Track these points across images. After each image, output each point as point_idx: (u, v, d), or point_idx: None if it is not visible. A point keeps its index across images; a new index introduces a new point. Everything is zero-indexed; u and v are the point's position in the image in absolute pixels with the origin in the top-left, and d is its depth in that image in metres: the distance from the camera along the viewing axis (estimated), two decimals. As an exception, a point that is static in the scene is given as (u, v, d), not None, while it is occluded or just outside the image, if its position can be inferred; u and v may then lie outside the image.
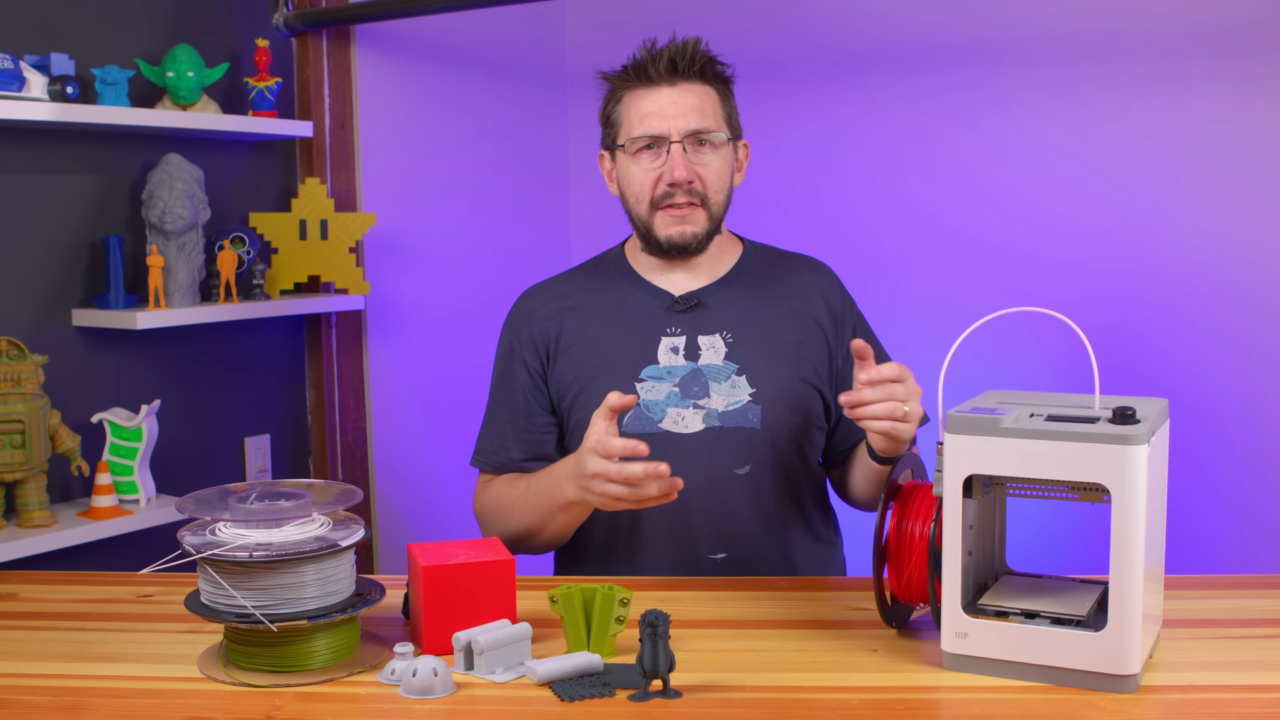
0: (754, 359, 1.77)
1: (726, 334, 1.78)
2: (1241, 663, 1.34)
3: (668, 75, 1.75)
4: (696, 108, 1.74)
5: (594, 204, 3.33)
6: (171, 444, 2.38)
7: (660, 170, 1.74)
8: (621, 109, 1.79)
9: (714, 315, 1.79)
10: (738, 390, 1.75)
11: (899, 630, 1.45)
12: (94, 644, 1.45)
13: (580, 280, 1.89)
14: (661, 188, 1.75)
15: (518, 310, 1.89)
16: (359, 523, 1.41)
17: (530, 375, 1.83)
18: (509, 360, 1.86)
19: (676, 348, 1.77)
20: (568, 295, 1.87)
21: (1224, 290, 2.61)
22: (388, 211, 2.78)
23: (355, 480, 2.72)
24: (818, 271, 1.88)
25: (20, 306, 2.16)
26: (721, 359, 1.76)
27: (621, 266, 1.87)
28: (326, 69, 2.63)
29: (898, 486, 1.44)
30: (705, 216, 1.77)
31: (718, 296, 1.81)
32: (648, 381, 1.76)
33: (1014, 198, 2.80)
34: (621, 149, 1.78)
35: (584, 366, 1.80)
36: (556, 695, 1.26)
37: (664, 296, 1.81)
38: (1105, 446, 1.22)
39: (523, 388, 1.84)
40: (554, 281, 1.91)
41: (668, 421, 1.74)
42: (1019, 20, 2.76)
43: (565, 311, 1.84)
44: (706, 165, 1.75)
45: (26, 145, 2.15)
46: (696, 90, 1.75)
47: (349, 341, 2.71)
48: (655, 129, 1.74)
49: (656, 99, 1.75)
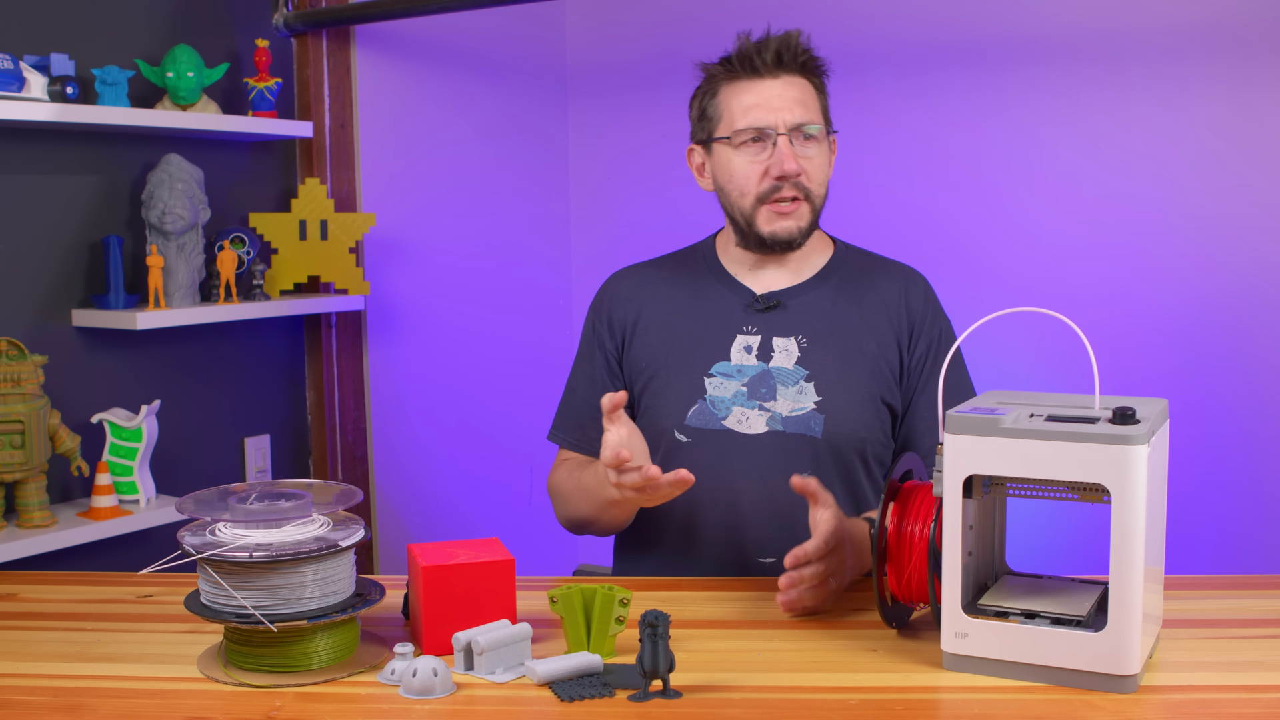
0: (825, 367, 1.74)
1: (802, 339, 1.76)
2: (1241, 663, 1.34)
3: (773, 66, 1.72)
4: (800, 100, 1.72)
5: (594, 204, 3.33)
6: (171, 444, 2.38)
7: (766, 164, 1.72)
8: (720, 101, 1.76)
9: (792, 318, 1.77)
10: (804, 396, 1.73)
11: (899, 630, 1.45)
12: (94, 644, 1.45)
13: (668, 268, 1.89)
14: (768, 182, 1.72)
15: (604, 291, 1.90)
16: (359, 523, 1.41)
17: (607, 357, 1.84)
18: (590, 340, 1.88)
19: (750, 347, 1.76)
20: (652, 282, 1.86)
21: (1224, 290, 2.61)
22: (388, 211, 2.78)
23: (355, 480, 2.72)
24: (907, 279, 1.84)
25: (20, 306, 2.16)
26: (793, 363, 1.74)
27: (709, 258, 1.86)
28: (326, 69, 2.63)
29: (898, 486, 1.44)
30: (809, 210, 1.75)
31: (800, 299, 1.79)
32: (717, 377, 1.75)
33: (1013, 198, 2.80)
34: (724, 141, 1.75)
35: (656, 355, 1.80)
36: (556, 695, 1.26)
37: (745, 294, 1.80)
38: (1105, 446, 1.22)
39: (600, 368, 1.85)
40: (641, 267, 1.91)
41: (732, 420, 1.73)
42: (1019, 20, 2.76)
43: (646, 298, 1.85)
44: (810, 159, 1.74)
45: (26, 145, 2.15)
46: (798, 83, 1.73)
47: (349, 341, 2.71)
48: (761, 121, 1.71)
49: (761, 91, 1.72)
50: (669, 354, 1.79)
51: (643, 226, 3.23)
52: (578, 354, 1.91)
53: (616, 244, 3.27)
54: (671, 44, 3.13)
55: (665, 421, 1.77)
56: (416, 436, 2.91)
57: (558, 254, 3.32)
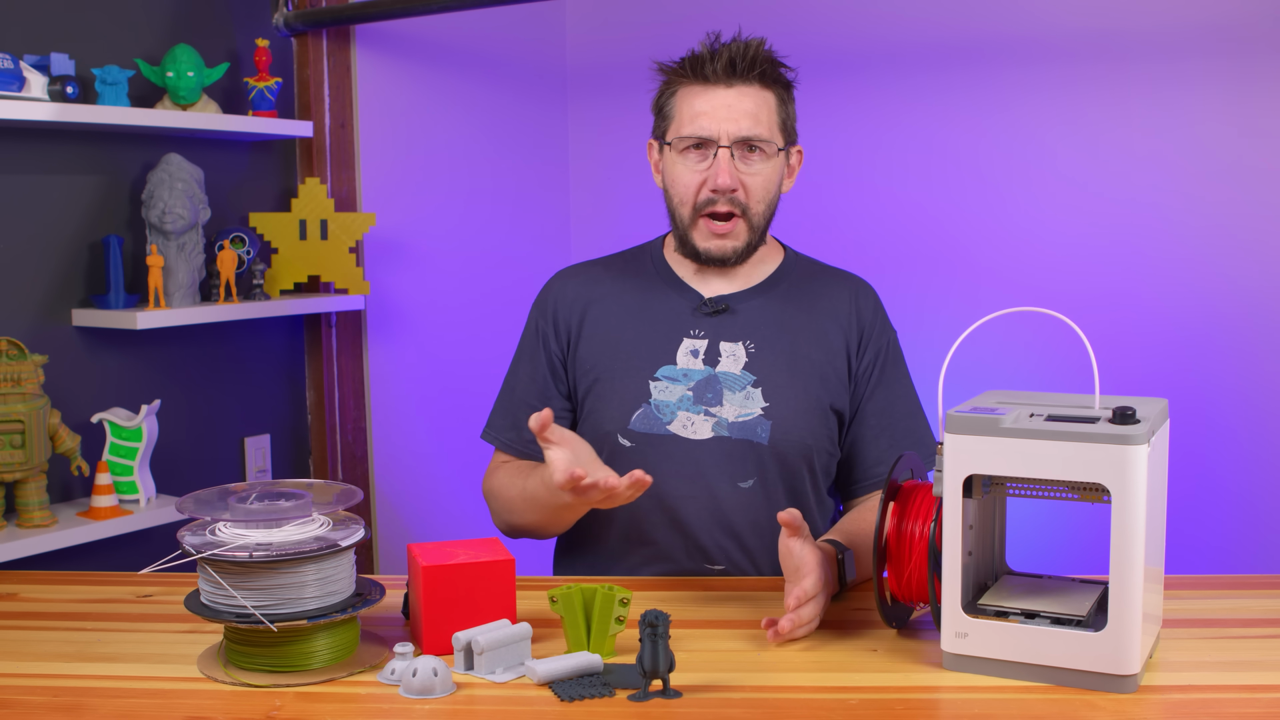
0: (772, 373, 1.72)
1: (749, 343, 1.74)
2: (1241, 663, 1.34)
3: (725, 76, 1.68)
4: (750, 113, 1.68)
5: (594, 204, 3.33)
6: (171, 444, 2.38)
7: (705, 174, 1.70)
8: (675, 103, 1.73)
9: (740, 322, 1.75)
10: (751, 402, 1.71)
11: (899, 630, 1.45)
12: (94, 644, 1.45)
13: (616, 268, 1.86)
14: (705, 193, 1.70)
15: (548, 290, 1.87)
16: (359, 523, 1.41)
17: (551, 357, 1.82)
18: (533, 338, 1.84)
19: (696, 350, 1.74)
20: (598, 282, 1.84)
21: (1224, 290, 2.61)
22: (388, 211, 2.78)
23: (355, 480, 2.72)
24: (856, 289, 1.82)
25: (20, 306, 2.16)
26: (740, 368, 1.73)
27: (657, 260, 1.84)
28: (326, 69, 2.63)
29: (898, 486, 1.44)
30: (746, 228, 1.72)
31: (748, 304, 1.77)
32: (662, 381, 1.73)
33: (1013, 198, 2.80)
34: (669, 145, 1.74)
35: (601, 357, 1.77)
36: (556, 695, 1.26)
37: (693, 297, 1.78)
38: (1105, 446, 1.22)
39: (542, 367, 1.82)
40: (588, 266, 1.89)
41: (677, 424, 1.71)
42: (1019, 20, 2.76)
43: (592, 298, 1.82)
44: (754, 174, 1.70)
45: (26, 145, 2.15)
46: (753, 94, 1.69)
47: (349, 341, 2.71)
48: (705, 130, 1.68)
49: (710, 99, 1.69)
50: (614, 357, 1.76)
51: (643, 226, 3.22)
52: (518, 351, 1.86)
53: (616, 244, 3.24)
54: (671, 44, 3.11)
55: (609, 425, 1.74)
56: (416, 436, 2.91)
57: (558, 254, 3.32)
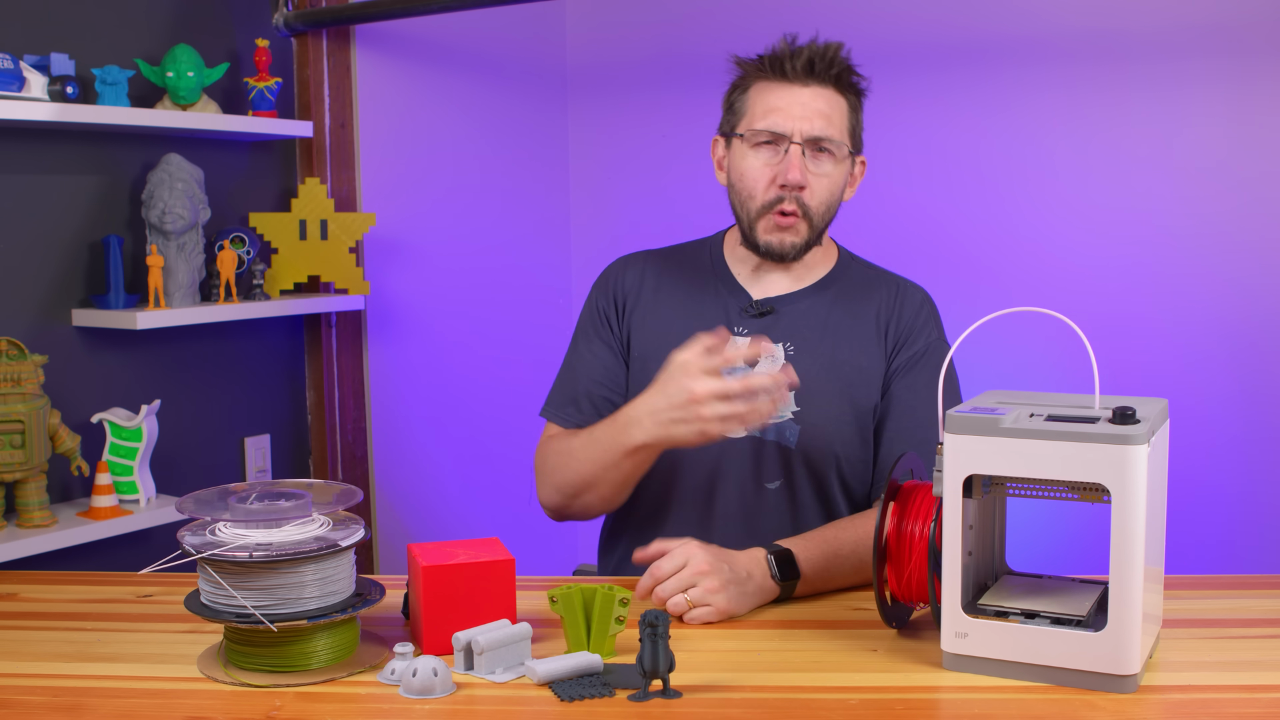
0: (807, 377, 1.72)
1: (789, 346, 1.75)
2: (1241, 663, 1.34)
3: (803, 75, 1.70)
4: (824, 113, 1.69)
5: (594, 204, 3.33)
6: (171, 444, 2.38)
7: (776, 169, 1.70)
8: (748, 98, 1.74)
9: (783, 325, 1.76)
10: (783, 405, 1.72)
11: (899, 630, 1.45)
12: (94, 644, 1.45)
13: (674, 260, 1.88)
14: (773, 190, 1.71)
15: (610, 272, 1.89)
16: (359, 523, 1.41)
17: (613, 334, 1.84)
18: (594, 318, 1.86)
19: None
20: (656, 272, 1.86)
21: (1224, 290, 2.61)
22: (388, 211, 2.78)
23: (355, 480, 2.72)
24: (901, 290, 1.82)
25: (20, 306, 2.16)
26: (777, 370, 1.74)
27: (715, 256, 1.85)
28: (326, 69, 2.63)
29: (898, 486, 1.44)
30: (807, 228, 1.73)
31: (794, 306, 1.78)
32: None
33: (1013, 198, 2.80)
34: (740, 138, 1.74)
35: (648, 346, 1.79)
36: (556, 695, 1.26)
37: (742, 297, 1.79)
38: (1105, 446, 1.22)
39: (601, 347, 1.84)
40: (649, 255, 1.90)
41: None
42: (1019, 20, 2.76)
43: (649, 286, 1.84)
44: (821, 175, 1.71)
45: (26, 145, 2.15)
46: (827, 96, 1.71)
47: (349, 341, 2.71)
48: (778, 126, 1.69)
49: (786, 96, 1.70)
50: (659, 348, 1.76)
51: (643, 226, 3.23)
52: (576, 331, 1.88)
53: (616, 244, 3.26)
54: (671, 44, 3.13)
55: None
56: (416, 436, 2.91)
57: (558, 254, 3.32)
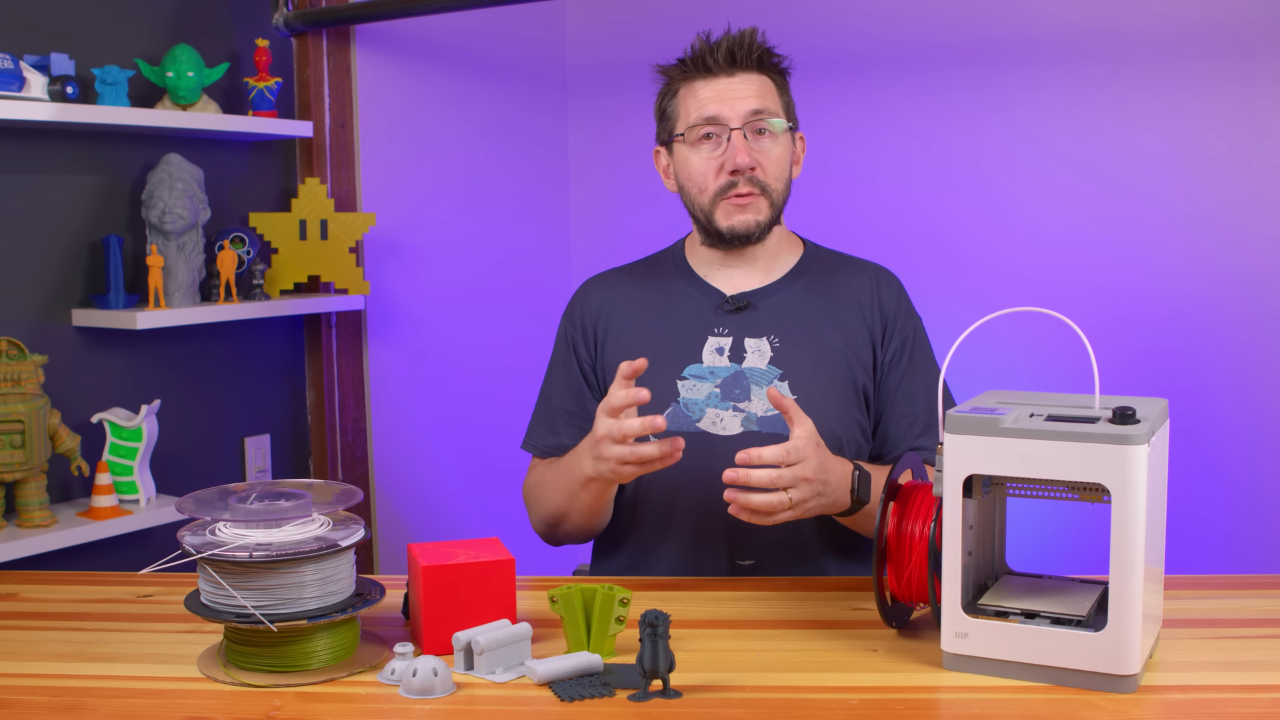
0: (798, 366, 1.74)
1: (774, 338, 1.76)
2: (1241, 663, 1.34)
3: (726, 65, 1.73)
4: (755, 93, 1.73)
5: (594, 204, 3.33)
6: (171, 444, 2.38)
7: (721, 159, 1.73)
8: (678, 101, 1.78)
9: (763, 318, 1.77)
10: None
11: (899, 630, 1.45)
12: (94, 644, 1.45)
13: (638, 274, 1.89)
14: (723, 177, 1.73)
15: (575, 299, 1.90)
16: (359, 523, 1.41)
17: (581, 364, 1.85)
18: (564, 347, 1.88)
19: (722, 348, 1.76)
20: (622, 287, 1.87)
21: (1224, 290, 2.61)
22: (388, 211, 2.78)
23: (355, 480, 2.72)
24: (879, 277, 1.84)
25: (20, 306, 2.16)
26: (766, 363, 1.74)
27: (679, 262, 1.87)
28: (326, 69, 2.63)
29: (898, 486, 1.44)
30: (767, 204, 1.75)
31: (770, 299, 1.79)
32: (689, 380, 1.75)
33: (1014, 198, 2.80)
34: (680, 139, 1.77)
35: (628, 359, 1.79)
36: (556, 695, 1.26)
37: (715, 295, 1.80)
38: (1105, 446, 1.22)
39: (575, 376, 1.85)
40: (611, 274, 1.92)
41: (706, 422, 1.73)
42: (1019, 20, 2.76)
43: (617, 304, 1.85)
44: (767, 153, 1.74)
45: (26, 145, 2.15)
46: (754, 79, 1.74)
47: (349, 341, 2.71)
48: (713, 112, 1.72)
49: (714, 87, 1.74)
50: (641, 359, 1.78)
51: (643, 226, 3.23)
52: (551, 362, 1.90)
53: (616, 244, 3.27)
54: (672, 44, 3.11)
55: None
56: (416, 436, 2.91)
57: (558, 254, 3.32)
